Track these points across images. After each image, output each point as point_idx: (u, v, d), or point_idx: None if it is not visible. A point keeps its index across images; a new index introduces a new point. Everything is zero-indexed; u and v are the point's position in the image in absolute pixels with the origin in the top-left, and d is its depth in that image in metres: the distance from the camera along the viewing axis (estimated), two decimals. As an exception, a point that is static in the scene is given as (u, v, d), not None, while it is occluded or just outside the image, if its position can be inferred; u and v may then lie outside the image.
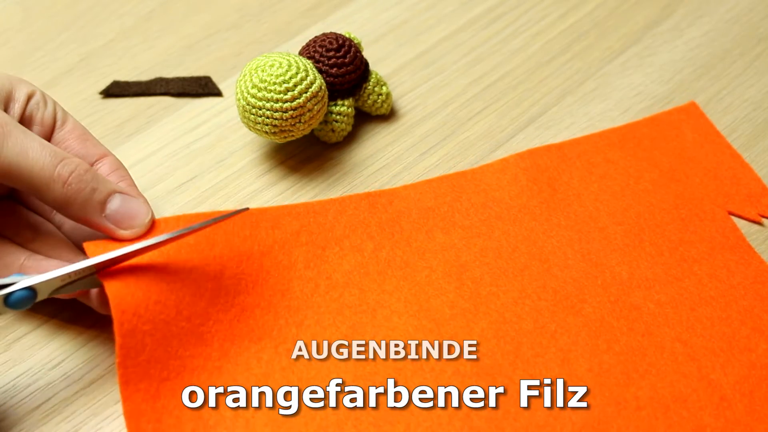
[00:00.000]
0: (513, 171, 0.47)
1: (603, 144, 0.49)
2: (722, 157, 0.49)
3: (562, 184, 0.47)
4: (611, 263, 0.44)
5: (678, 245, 0.44)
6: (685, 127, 0.50)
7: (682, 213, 0.46)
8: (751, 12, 0.57)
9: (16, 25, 0.57)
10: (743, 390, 0.39)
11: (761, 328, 0.41)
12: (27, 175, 0.37)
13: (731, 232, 0.45)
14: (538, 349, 0.40)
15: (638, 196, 0.47)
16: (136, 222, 0.39)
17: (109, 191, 0.39)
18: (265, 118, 0.45)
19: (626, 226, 0.45)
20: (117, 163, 0.42)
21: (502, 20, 0.57)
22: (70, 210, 0.38)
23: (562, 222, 0.45)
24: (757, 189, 0.47)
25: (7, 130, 0.37)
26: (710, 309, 0.42)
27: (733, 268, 0.44)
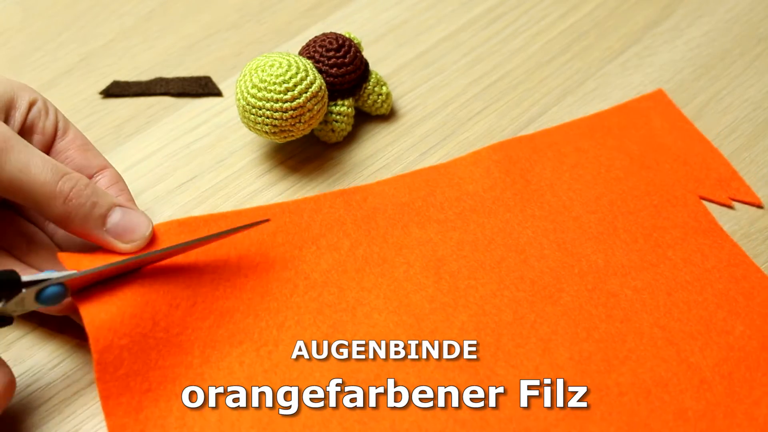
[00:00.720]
0: (485, 163, 0.47)
1: (573, 134, 0.49)
2: (691, 143, 0.49)
3: (535, 175, 0.47)
4: (587, 252, 0.44)
5: (652, 231, 0.45)
6: (653, 114, 0.51)
7: (654, 199, 0.46)
8: (751, 12, 0.57)
9: (16, 25, 0.57)
10: (722, 372, 0.40)
11: (737, 311, 0.42)
12: (28, 191, 0.37)
13: (703, 216, 0.46)
14: (519, 339, 0.40)
15: (610, 184, 0.47)
16: (136, 235, 0.39)
17: (110, 205, 0.39)
18: (265, 118, 0.45)
19: (600, 215, 0.46)
20: (116, 176, 0.42)
21: (502, 20, 0.57)
22: (71, 225, 0.38)
23: (537, 213, 0.46)
24: (726, 173, 0.48)
25: (9, 145, 0.36)
26: (686, 293, 0.43)
27: (706, 252, 0.44)
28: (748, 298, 0.43)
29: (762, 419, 0.38)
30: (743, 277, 0.43)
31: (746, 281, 0.43)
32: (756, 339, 0.41)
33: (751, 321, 0.42)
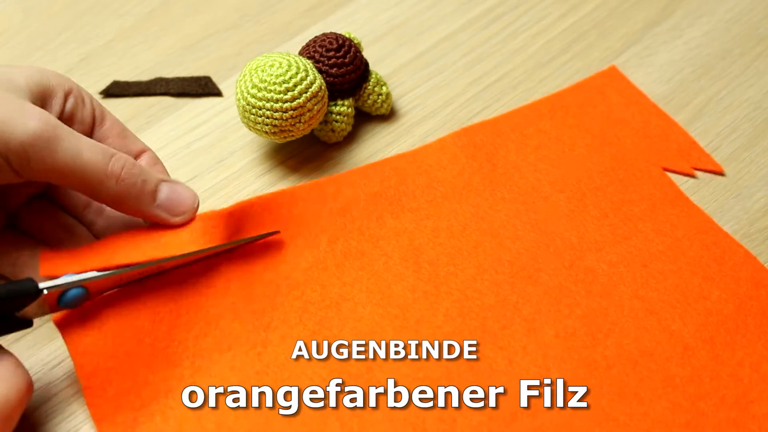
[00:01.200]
0: (451, 150, 0.48)
1: (533, 115, 0.50)
2: (649, 116, 0.50)
3: (501, 159, 0.48)
4: (560, 230, 0.45)
5: (620, 205, 0.46)
6: (609, 90, 0.52)
7: (620, 174, 0.47)
8: (751, 12, 0.57)
9: (16, 25, 0.57)
10: (704, 337, 0.41)
11: (711, 276, 0.43)
12: (82, 176, 0.37)
13: (668, 187, 0.47)
14: (504, 321, 0.41)
15: (575, 162, 0.48)
16: (185, 207, 0.40)
17: (158, 181, 0.40)
18: (265, 118, 0.45)
19: (568, 193, 0.46)
20: (155, 158, 0.43)
21: (502, 20, 0.57)
22: (124, 204, 0.39)
23: (506, 195, 0.46)
24: (686, 143, 0.49)
25: (57, 133, 0.36)
26: (661, 263, 0.43)
27: (675, 221, 0.45)
28: (720, 263, 0.44)
29: (746, 379, 0.40)
30: (713, 243, 0.44)
31: (716, 247, 0.44)
32: (732, 302, 0.42)
33: (725, 285, 0.43)
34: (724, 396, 0.39)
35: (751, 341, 0.41)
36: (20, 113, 0.36)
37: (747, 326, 0.41)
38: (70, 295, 0.37)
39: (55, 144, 0.36)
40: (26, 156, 0.36)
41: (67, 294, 0.37)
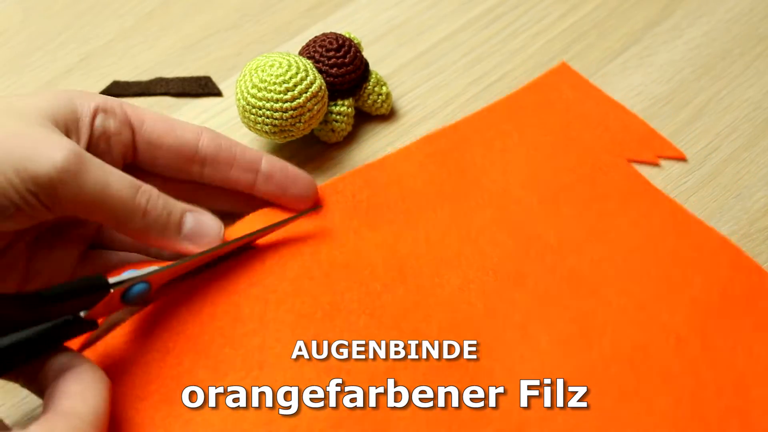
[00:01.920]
0: (417, 158, 0.47)
1: (493, 117, 0.50)
2: (606, 109, 0.50)
3: (468, 164, 0.47)
4: (537, 232, 0.44)
5: (592, 202, 0.46)
6: (563, 87, 0.51)
7: (587, 170, 0.47)
8: (751, 12, 0.57)
9: (16, 25, 0.57)
10: (694, 326, 0.41)
11: (691, 263, 0.43)
12: (108, 209, 0.36)
13: (636, 178, 0.47)
14: (497, 331, 0.41)
15: (541, 162, 0.47)
16: (210, 238, 0.39)
17: (182, 211, 0.39)
18: (265, 118, 0.45)
19: (539, 194, 0.46)
20: (216, 136, 0.41)
21: (502, 20, 0.57)
22: (149, 238, 0.38)
23: (480, 201, 0.46)
24: (646, 133, 0.49)
25: (84, 166, 0.35)
26: (641, 256, 0.43)
27: (648, 213, 0.45)
28: (698, 250, 0.44)
29: (742, 364, 0.40)
30: (689, 231, 0.45)
31: (692, 235, 0.44)
32: (715, 288, 0.42)
33: (706, 271, 0.43)
34: (723, 384, 0.39)
35: (740, 326, 0.41)
36: (45, 146, 0.34)
37: (734, 311, 0.41)
38: (135, 291, 0.37)
39: (83, 176, 0.35)
40: (54, 191, 0.34)
41: (132, 289, 0.36)
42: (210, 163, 0.41)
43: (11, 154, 0.34)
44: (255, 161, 0.42)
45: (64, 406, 0.32)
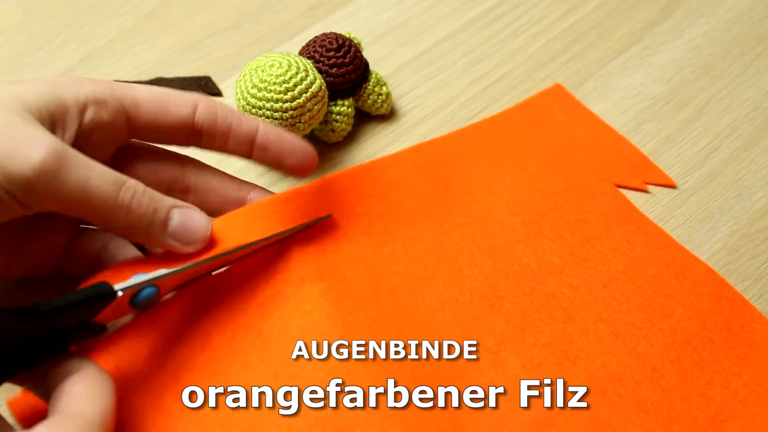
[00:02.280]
0: (404, 168, 0.47)
1: (484, 134, 0.49)
2: (597, 133, 0.50)
3: (454, 180, 0.47)
4: (518, 255, 0.44)
5: (576, 226, 0.45)
6: (555, 108, 0.51)
7: (573, 194, 0.46)
8: (751, 12, 0.57)
9: (16, 25, 0.57)
10: (671, 357, 0.40)
11: (672, 294, 0.42)
12: (90, 208, 0.35)
13: (623, 204, 0.46)
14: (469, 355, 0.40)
15: (527, 183, 0.47)
16: (197, 235, 0.38)
17: (168, 208, 0.37)
18: (265, 118, 0.45)
19: (523, 216, 0.45)
20: (212, 106, 0.40)
21: (502, 20, 0.57)
22: (134, 235, 0.37)
23: (461, 220, 0.45)
24: (636, 158, 0.48)
25: (65, 162, 0.34)
26: (621, 284, 0.43)
27: (632, 239, 0.45)
28: (680, 279, 0.43)
29: (718, 398, 0.39)
30: (672, 260, 0.44)
31: (675, 263, 0.44)
32: (696, 319, 0.41)
33: (688, 302, 0.42)
34: (697, 417, 0.38)
35: (719, 358, 0.40)
36: (23, 144, 0.33)
37: (713, 343, 0.41)
38: (144, 295, 0.36)
39: (61, 175, 0.34)
40: (32, 189, 0.34)
41: (141, 294, 0.36)
42: (206, 135, 0.40)
43: None
44: (251, 132, 0.41)
45: (72, 407, 0.32)
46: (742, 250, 0.45)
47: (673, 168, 0.49)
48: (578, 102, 0.51)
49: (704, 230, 0.46)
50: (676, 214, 0.47)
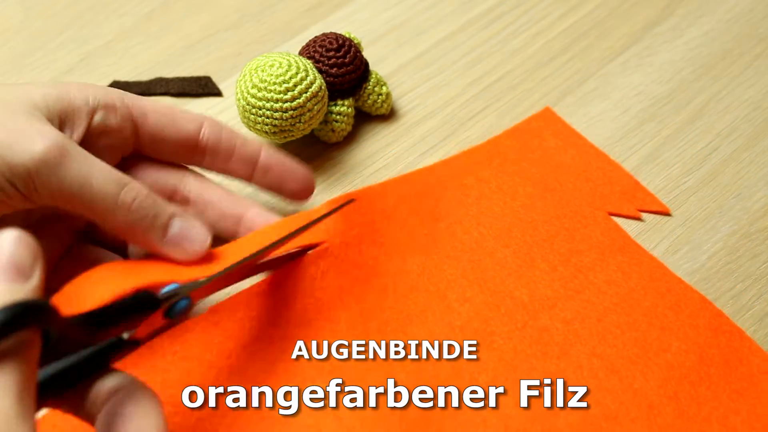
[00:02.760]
0: (392, 198, 0.45)
1: (472, 163, 0.48)
2: (589, 159, 0.48)
3: (443, 212, 0.45)
4: (509, 288, 0.42)
5: (569, 257, 0.44)
6: (545, 133, 0.49)
7: (565, 222, 0.45)
8: (751, 12, 0.57)
9: (16, 25, 0.57)
10: (668, 393, 0.39)
11: (669, 327, 0.41)
12: (89, 203, 0.35)
13: (616, 232, 0.45)
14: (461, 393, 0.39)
15: (518, 213, 0.45)
16: (195, 245, 0.37)
17: (170, 215, 0.37)
18: (265, 118, 0.45)
19: (514, 247, 0.44)
20: (217, 126, 0.41)
21: (502, 20, 0.57)
22: (132, 236, 0.37)
23: (451, 253, 0.44)
24: (629, 185, 0.47)
25: (67, 156, 0.34)
26: (616, 316, 0.41)
27: (627, 270, 0.43)
28: (676, 311, 0.42)
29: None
30: (668, 291, 0.42)
31: (671, 294, 0.42)
32: (693, 353, 0.40)
33: (684, 335, 0.41)
34: None
35: (716, 393, 0.39)
36: (26, 135, 0.34)
37: (710, 377, 0.39)
38: (180, 307, 0.35)
39: (63, 168, 0.34)
40: (32, 181, 0.34)
41: (177, 305, 0.35)
42: (210, 154, 0.41)
43: None
44: (253, 154, 0.42)
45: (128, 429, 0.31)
46: (742, 250, 0.45)
47: (673, 168, 0.49)
48: (569, 126, 0.50)
49: (704, 230, 0.46)
50: (676, 214, 0.47)
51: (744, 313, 0.43)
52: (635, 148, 0.50)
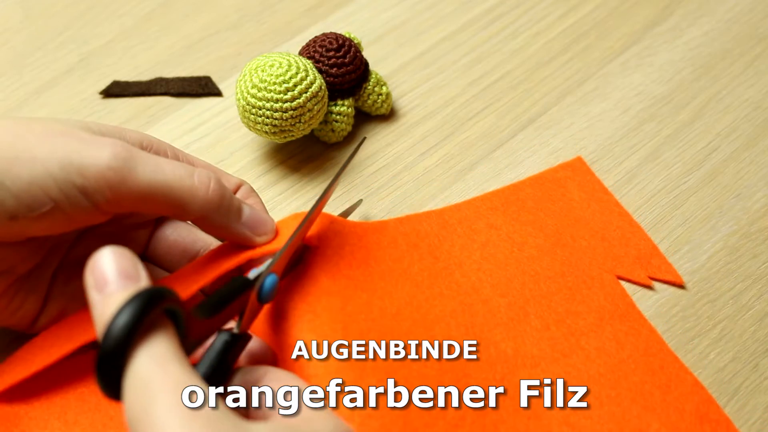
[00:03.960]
0: (392, 234, 0.44)
1: (485, 208, 0.46)
2: (610, 216, 0.46)
3: (443, 253, 0.44)
4: (495, 338, 0.41)
5: (565, 317, 0.42)
6: (570, 184, 0.48)
7: (569, 281, 0.43)
8: (751, 12, 0.57)
9: (16, 25, 0.57)
10: None
11: (652, 407, 0.39)
12: (168, 192, 0.35)
13: (620, 299, 0.43)
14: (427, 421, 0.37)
15: (522, 264, 0.44)
16: (267, 228, 0.39)
17: (240, 200, 0.39)
18: (265, 118, 0.45)
19: (510, 298, 0.43)
20: (250, 189, 0.42)
21: (502, 20, 0.57)
22: (213, 218, 0.37)
23: (444, 291, 0.42)
24: (646, 249, 0.45)
25: (134, 154, 0.35)
26: (599, 387, 0.39)
27: (622, 339, 0.41)
28: (664, 391, 0.40)
29: None
30: (660, 368, 0.41)
31: (663, 372, 0.40)
32: None
33: (666, 417, 0.39)
34: None
35: None
36: (91, 143, 0.34)
37: None
38: (268, 286, 0.36)
39: (133, 165, 0.34)
40: (106, 183, 0.34)
41: (265, 285, 0.36)
42: None
43: (56, 149, 0.33)
44: None
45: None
46: (742, 250, 0.45)
47: (673, 168, 0.49)
48: (598, 180, 0.48)
49: (704, 230, 0.46)
50: (676, 214, 0.47)
51: (744, 313, 0.43)
52: (635, 148, 0.50)
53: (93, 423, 0.38)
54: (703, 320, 0.43)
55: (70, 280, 0.40)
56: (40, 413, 0.38)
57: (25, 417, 0.38)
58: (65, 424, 0.38)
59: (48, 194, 0.33)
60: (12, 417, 0.38)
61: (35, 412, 0.38)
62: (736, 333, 0.42)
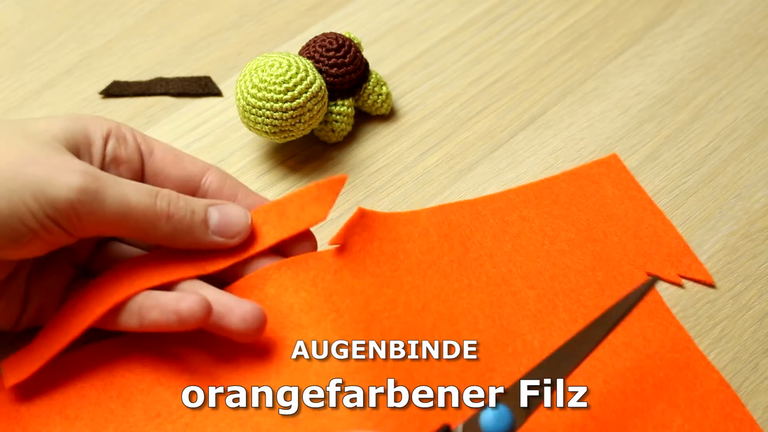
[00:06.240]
0: (424, 224, 0.44)
1: (518, 201, 0.46)
2: (643, 214, 0.46)
3: (475, 243, 0.44)
4: (522, 330, 0.41)
5: (593, 311, 0.42)
6: (605, 181, 0.48)
7: (599, 276, 0.44)
8: (751, 12, 0.57)
9: (16, 25, 0.57)
10: None
11: (677, 403, 0.39)
12: (133, 221, 0.36)
13: (649, 295, 0.42)
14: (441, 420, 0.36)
15: (553, 257, 0.44)
16: (238, 227, 0.39)
17: (205, 207, 0.39)
18: (265, 118, 0.45)
19: (539, 291, 0.43)
20: (222, 173, 0.42)
21: (502, 20, 0.57)
22: (178, 241, 0.38)
23: (473, 283, 0.43)
24: (678, 248, 0.45)
25: (102, 183, 0.35)
26: (623, 382, 0.40)
27: (649, 335, 0.41)
28: (689, 388, 0.40)
29: None
30: (686, 365, 0.41)
31: (689, 370, 0.40)
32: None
33: (690, 414, 0.39)
34: None
35: None
36: (61, 171, 0.35)
37: None
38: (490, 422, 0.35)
39: (101, 195, 0.35)
40: (75, 213, 0.35)
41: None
42: (210, 197, 0.41)
43: (28, 180, 0.34)
44: (255, 206, 0.42)
45: None
46: (742, 250, 0.45)
47: (673, 168, 0.49)
48: (632, 177, 0.48)
49: (704, 230, 0.46)
50: (676, 214, 0.47)
51: (744, 313, 0.43)
52: (635, 148, 0.50)
53: (94, 417, 0.38)
54: (702, 320, 0.43)
55: (42, 278, 0.40)
56: (41, 409, 0.38)
57: (26, 413, 0.38)
58: (66, 419, 0.38)
59: (26, 225, 0.34)
60: (13, 413, 0.38)
61: (36, 408, 0.38)
62: (736, 333, 0.43)
